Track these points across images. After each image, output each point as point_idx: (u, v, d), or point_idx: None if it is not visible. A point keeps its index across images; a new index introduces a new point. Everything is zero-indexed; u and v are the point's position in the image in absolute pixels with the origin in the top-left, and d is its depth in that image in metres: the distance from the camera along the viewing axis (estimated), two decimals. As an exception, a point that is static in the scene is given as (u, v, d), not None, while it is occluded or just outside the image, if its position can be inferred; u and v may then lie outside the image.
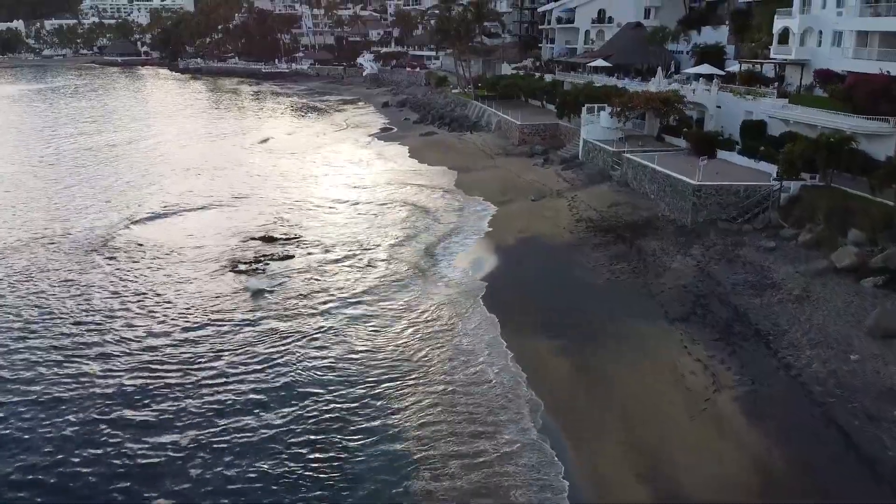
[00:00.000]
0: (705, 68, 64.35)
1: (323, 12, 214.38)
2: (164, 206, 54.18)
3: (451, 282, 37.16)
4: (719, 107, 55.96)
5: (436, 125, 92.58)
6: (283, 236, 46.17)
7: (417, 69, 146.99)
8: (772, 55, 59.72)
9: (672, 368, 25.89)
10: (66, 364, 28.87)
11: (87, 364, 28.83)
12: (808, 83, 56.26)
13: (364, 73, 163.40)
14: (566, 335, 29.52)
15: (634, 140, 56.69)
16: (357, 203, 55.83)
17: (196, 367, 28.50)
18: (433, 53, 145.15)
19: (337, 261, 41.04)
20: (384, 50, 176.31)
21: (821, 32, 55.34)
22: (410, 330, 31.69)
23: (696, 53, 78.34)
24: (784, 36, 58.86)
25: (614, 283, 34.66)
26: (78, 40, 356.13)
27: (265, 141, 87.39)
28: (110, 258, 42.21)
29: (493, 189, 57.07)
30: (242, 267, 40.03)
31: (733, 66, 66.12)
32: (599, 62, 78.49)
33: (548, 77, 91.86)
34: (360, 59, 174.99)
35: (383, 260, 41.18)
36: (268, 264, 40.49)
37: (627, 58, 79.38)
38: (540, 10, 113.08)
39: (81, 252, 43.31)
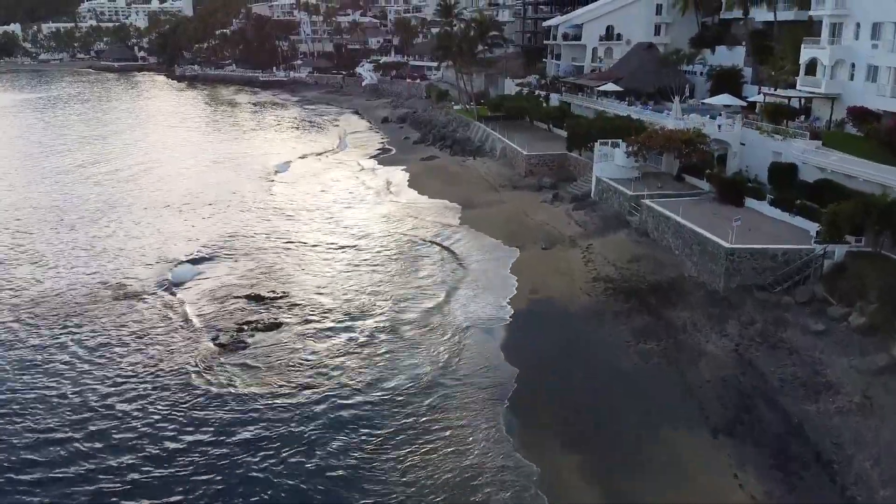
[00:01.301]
0: (725, 98, 60.32)
1: (322, 19, 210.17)
2: (154, 255, 49.72)
3: (460, 368, 32.78)
4: (743, 144, 51.86)
5: (437, 146, 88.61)
6: (272, 294, 42.08)
7: (418, 80, 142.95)
8: (798, 86, 55.73)
9: (722, 509, 21.89)
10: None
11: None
12: (838, 118, 52.39)
13: (363, 84, 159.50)
14: (594, 447, 25.46)
15: (652, 179, 52.62)
16: (354, 246, 51.84)
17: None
18: (434, 64, 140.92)
19: (330, 335, 36.54)
20: (384, 59, 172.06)
21: (853, 65, 51.43)
22: (411, 434, 27.55)
23: (711, 76, 74.38)
24: (812, 67, 54.93)
25: (644, 369, 30.62)
26: (75, 44, 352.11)
27: (281, 170, 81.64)
28: (83, 322, 38.26)
29: (500, 230, 53.03)
30: (223, 339, 35.96)
31: (755, 96, 61.93)
32: (610, 86, 74.34)
33: (553, 97, 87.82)
34: (359, 69, 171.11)
35: (383, 330, 36.97)
36: (252, 335, 36.40)
37: (639, 81, 75.21)
38: (545, 23, 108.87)
39: (54, 316, 39.33)
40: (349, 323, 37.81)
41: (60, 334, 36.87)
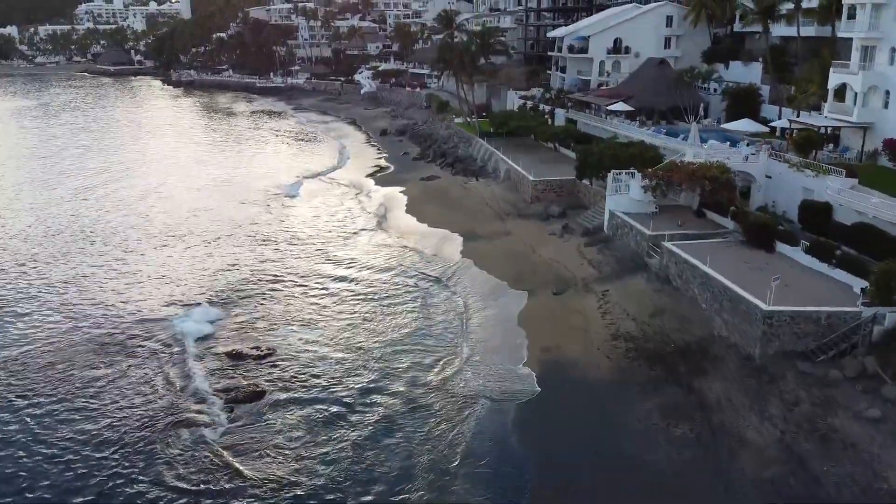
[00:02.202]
0: (746, 123, 56.58)
1: (320, 24, 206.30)
2: (138, 304, 45.53)
3: (467, 458, 28.66)
4: (769, 177, 48.09)
5: (437, 164, 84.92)
6: (255, 352, 38.21)
7: (418, 89, 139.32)
8: (826, 113, 51.95)
9: None
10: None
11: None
12: (870, 149, 48.64)
13: (362, 91, 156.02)
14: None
15: (670, 214, 48.63)
16: (348, 285, 48.11)
17: None
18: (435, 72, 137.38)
19: (317, 412, 32.32)
20: (382, 67, 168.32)
21: (888, 93, 47.64)
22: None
23: (727, 95, 70.59)
24: (840, 92, 51.14)
25: (677, 465, 26.76)
26: (72, 46, 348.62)
27: (292, 194, 76.92)
28: (43, 386, 34.51)
29: (505, 268, 49.17)
30: (200, 413, 32.15)
31: (777, 121, 58.13)
32: (620, 106, 70.47)
33: (559, 112, 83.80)
34: (357, 76, 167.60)
35: (375, 405, 32.94)
36: (231, 409, 32.56)
37: (650, 99, 71.40)
38: (550, 34, 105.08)
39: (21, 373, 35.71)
40: (339, 405, 33.04)
41: (27, 395, 33.25)
